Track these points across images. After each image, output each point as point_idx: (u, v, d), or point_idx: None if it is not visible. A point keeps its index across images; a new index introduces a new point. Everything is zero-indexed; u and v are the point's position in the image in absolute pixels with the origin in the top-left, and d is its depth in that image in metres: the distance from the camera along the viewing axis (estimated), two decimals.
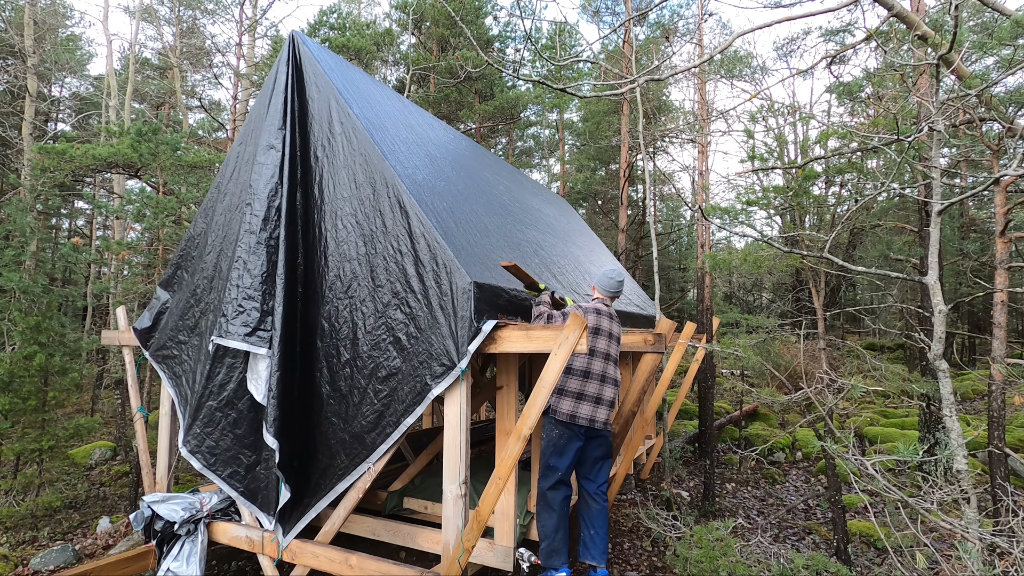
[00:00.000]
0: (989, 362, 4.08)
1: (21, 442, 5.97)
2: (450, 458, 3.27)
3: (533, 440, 4.32)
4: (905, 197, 9.93)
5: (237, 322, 3.73)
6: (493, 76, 14.74)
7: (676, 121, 14.39)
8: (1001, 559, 3.14)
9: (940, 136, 3.32)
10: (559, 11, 32.25)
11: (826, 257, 3.53)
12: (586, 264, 6.58)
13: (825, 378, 4.10)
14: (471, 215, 4.36)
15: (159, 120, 17.17)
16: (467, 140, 7.09)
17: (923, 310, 6.28)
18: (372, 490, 4.73)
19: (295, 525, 3.72)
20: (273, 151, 3.97)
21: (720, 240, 17.12)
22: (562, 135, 19.91)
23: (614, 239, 13.79)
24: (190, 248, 4.62)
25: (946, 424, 3.05)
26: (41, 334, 6.22)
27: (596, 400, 3.89)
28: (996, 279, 4.03)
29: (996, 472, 4.14)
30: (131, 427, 7.93)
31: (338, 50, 12.13)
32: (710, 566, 3.57)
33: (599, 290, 4.13)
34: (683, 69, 3.93)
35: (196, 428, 4.08)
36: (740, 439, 8.86)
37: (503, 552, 3.78)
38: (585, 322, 2.98)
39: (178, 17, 15.94)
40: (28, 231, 8.15)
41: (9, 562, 4.71)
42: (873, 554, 5.00)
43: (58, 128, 18.78)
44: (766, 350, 9.78)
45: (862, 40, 4.14)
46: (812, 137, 8.72)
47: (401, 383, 3.42)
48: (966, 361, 13.93)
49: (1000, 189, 3.99)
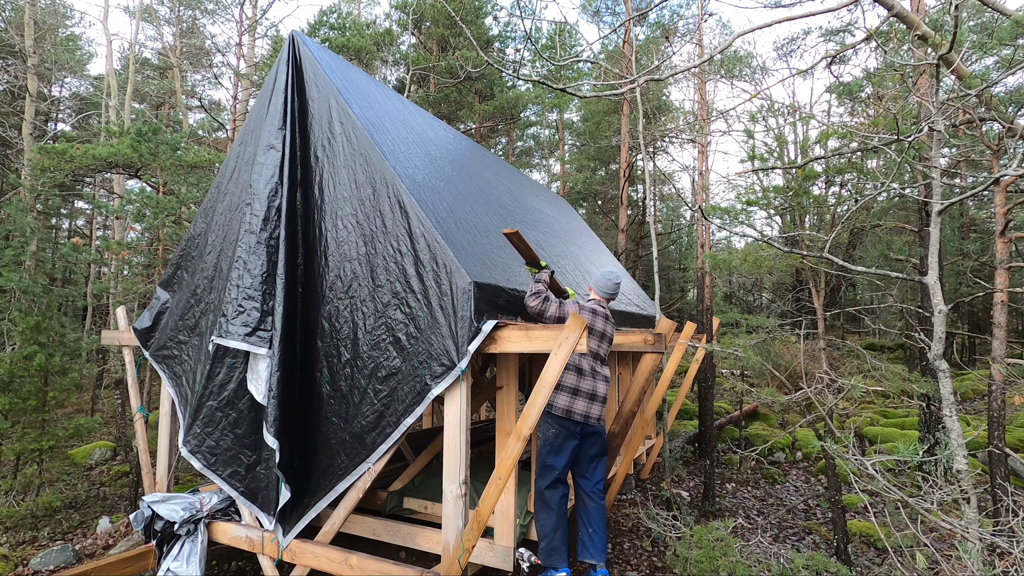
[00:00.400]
0: (989, 362, 4.08)
1: (21, 442, 5.97)
2: (450, 458, 3.27)
3: (533, 440, 4.32)
4: (905, 197, 9.93)
5: (237, 322, 3.73)
6: (493, 76, 14.73)
7: (676, 121, 14.40)
8: (1001, 559, 3.14)
9: (940, 136, 3.32)
10: (559, 11, 32.25)
11: (826, 257, 3.53)
12: (586, 264, 6.58)
13: (825, 378, 4.10)
14: (471, 215, 4.36)
15: (159, 120, 17.18)
16: (467, 140, 7.09)
17: (923, 310, 6.28)
18: (372, 490, 4.73)
19: (295, 525, 3.72)
20: (273, 151, 3.97)
21: (720, 240, 17.12)
22: (562, 135, 19.91)
23: (614, 239, 13.79)
24: (190, 248, 4.61)
25: (946, 424, 3.05)
26: (41, 334, 6.22)
27: (591, 396, 3.94)
28: (996, 279, 4.03)
29: (996, 472, 4.14)
30: (131, 427, 7.93)
31: (338, 50, 12.13)
32: (710, 566, 3.57)
33: (596, 291, 4.16)
34: (683, 69, 3.93)
35: (196, 428, 4.08)
36: (740, 439, 8.86)
37: (503, 552, 3.78)
38: (585, 323, 2.98)
39: (178, 17, 15.94)
40: (28, 231, 8.16)
41: (9, 562, 4.71)
42: (873, 554, 5.00)
43: (58, 128, 18.79)
44: (766, 350, 9.79)
45: (862, 40, 4.14)
46: (812, 137, 8.72)
47: (401, 383, 3.42)
48: (966, 361, 13.94)
49: (1000, 189, 3.99)
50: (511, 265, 4.18)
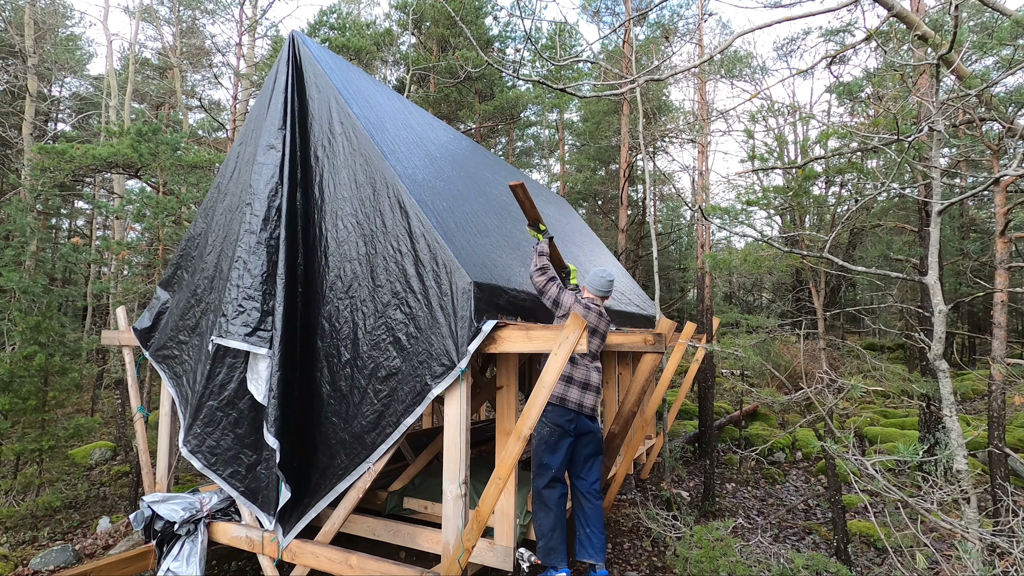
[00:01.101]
0: (989, 362, 4.08)
1: (21, 442, 5.97)
2: (450, 458, 3.27)
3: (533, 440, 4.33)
4: (905, 197, 9.93)
5: (237, 322, 3.73)
6: (493, 76, 14.73)
7: (676, 121, 14.39)
8: (1001, 559, 3.13)
9: (940, 136, 3.32)
10: (559, 11, 32.26)
11: (826, 257, 3.53)
12: (586, 264, 6.58)
13: (825, 378, 4.10)
14: (471, 215, 4.36)
15: (159, 120, 17.17)
16: (467, 140, 7.09)
17: (923, 310, 6.28)
18: (372, 490, 4.73)
19: (295, 525, 3.72)
20: (273, 151, 3.97)
21: (720, 240, 17.12)
22: (562, 135, 19.91)
23: (614, 239, 13.79)
24: (190, 248, 4.61)
25: (946, 424, 3.05)
26: (41, 334, 6.22)
27: (584, 385, 3.98)
28: (996, 279, 4.03)
29: (996, 472, 4.14)
30: (131, 427, 7.93)
31: (338, 50, 12.13)
32: (710, 566, 3.56)
33: (590, 290, 4.17)
34: (683, 69, 3.93)
35: (197, 428, 4.08)
36: (740, 439, 8.86)
37: (503, 552, 3.78)
38: (585, 323, 2.98)
39: (178, 17, 15.94)
40: (28, 231, 8.15)
41: (9, 562, 4.71)
42: (873, 554, 5.00)
43: (58, 128, 18.78)
44: (766, 350, 9.79)
45: (862, 40, 4.14)
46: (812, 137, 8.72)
47: (401, 383, 3.42)
48: (966, 361, 13.94)
49: (1000, 189, 3.99)
50: (511, 265, 4.18)
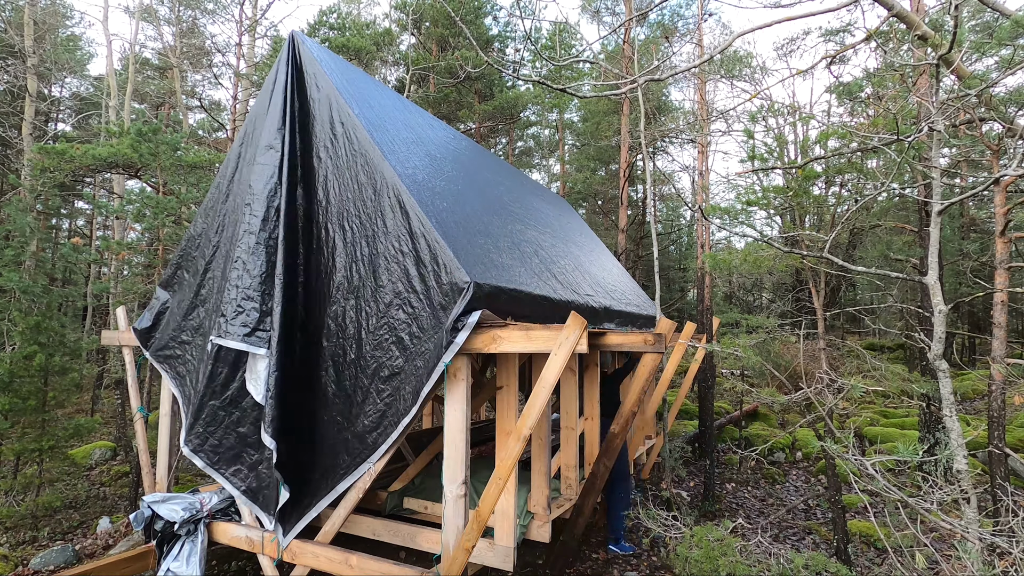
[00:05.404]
0: (989, 362, 4.08)
1: (21, 442, 5.97)
2: (450, 458, 3.27)
3: (533, 440, 4.32)
4: (905, 197, 9.93)
5: (236, 322, 3.73)
6: (493, 76, 14.73)
7: (676, 121, 14.39)
8: (1001, 559, 3.13)
9: (940, 136, 3.32)
10: (559, 11, 32.26)
11: (826, 257, 3.52)
12: (586, 264, 6.58)
13: (825, 378, 4.10)
14: (471, 215, 4.36)
15: (159, 120, 17.17)
16: (467, 140, 7.08)
17: (923, 310, 6.28)
18: (372, 490, 4.73)
19: (295, 525, 3.72)
20: (272, 151, 3.96)
21: (720, 240, 17.11)
22: (562, 135, 19.89)
23: (614, 239, 13.78)
24: (190, 248, 4.61)
25: (946, 424, 3.05)
26: (41, 334, 6.22)
27: None
28: (996, 279, 4.03)
29: (996, 472, 4.14)
30: (131, 427, 7.93)
31: (338, 50, 12.12)
32: (710, 566, 3.56)
33: None
34: (683, 69, 3.93)
35: (198, 427, 4.08)
36: (740, 439, 8.86)
37: (503, 552, 3.78)
38: (585, 323, 2.98)
39: (178, 17, 15.94)
40: (28, 231, 8.15)
41: (9, 562, 4.71)
42: (873, 554, 5.00)
43: (58, 128, 18.77)
44: (766, 350, 9.77)
45: (862, 40, 4.14)
46: (812, 137, 8.71)
47: (404, 383, 3.42)
48: (966, 361, 13.93)
49: (1000, 189, 3.98)
50: (511, 265, 4.18)
